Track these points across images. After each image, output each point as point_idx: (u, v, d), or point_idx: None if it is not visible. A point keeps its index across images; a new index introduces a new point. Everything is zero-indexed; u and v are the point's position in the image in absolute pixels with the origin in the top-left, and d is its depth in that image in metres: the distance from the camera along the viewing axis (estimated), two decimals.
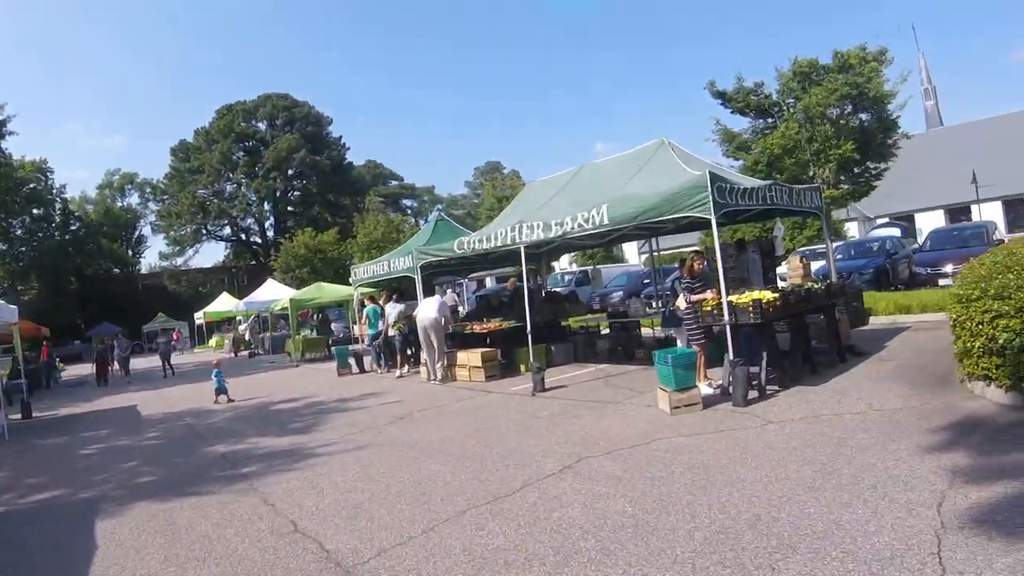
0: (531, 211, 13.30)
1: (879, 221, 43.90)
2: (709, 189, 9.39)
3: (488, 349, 14.44)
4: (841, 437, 6.94)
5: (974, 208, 42.06)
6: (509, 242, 12.59)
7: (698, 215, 9.64)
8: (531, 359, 12.31)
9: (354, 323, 21.28)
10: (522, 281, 13.89)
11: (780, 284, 14.96)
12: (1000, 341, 7.28)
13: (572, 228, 11.30)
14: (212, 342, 48.01)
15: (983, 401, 7.71)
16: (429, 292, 15.44)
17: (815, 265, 19.57)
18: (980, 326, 7.65)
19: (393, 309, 16.82)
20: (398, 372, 16.86)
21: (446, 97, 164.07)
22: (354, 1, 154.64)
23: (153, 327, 59.53)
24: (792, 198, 11.79)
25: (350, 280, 19.37)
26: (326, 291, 26.75)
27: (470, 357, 14.32)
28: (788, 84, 18.89)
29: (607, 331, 17.13)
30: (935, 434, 6.66)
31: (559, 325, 16.91)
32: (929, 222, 42.53)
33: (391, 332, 16.86)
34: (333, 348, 21.92)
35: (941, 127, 65.03)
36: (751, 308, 9.23)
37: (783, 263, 20.78)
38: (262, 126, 76.47)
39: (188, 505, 7.44)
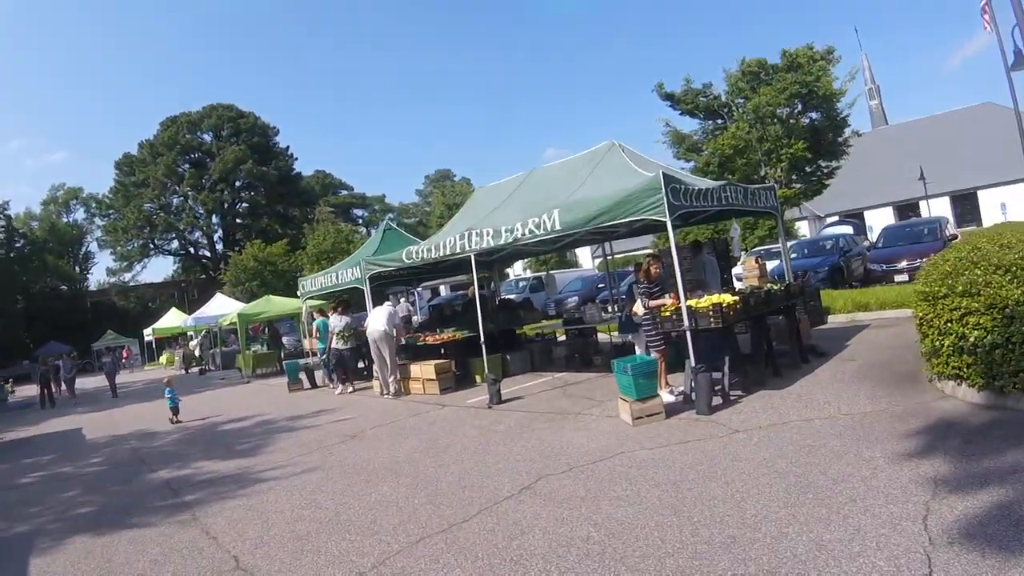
0: (481, 218, 12.92)
1: (829, 220, 44.38)
2: (663, 191, 9.08)
3: (442, 361, 13.96)
4: (812, 445, 6.64)
5: (922, 204, 42.79)
6: (459, 250, 12.18)
7: (652, 217, 9.32)
8: (486, 370, 11.89)
9: (305, 337, 20.59)
10: (478, 289, 13.41)
11: (736, 285, 14.73)
12: (971, 339, 7.08)
13: (523, 235, 10.94)
14: (162, 359, 46.67)
15: (955, 401, 7.48)
16: (381, 303, 14.86)
17: (770, 265, 19.47)
18: (949, 324, 7.44)
19: (339, 322, 16.07)
20: (342, 388, 16.18)
21: (395, 105, 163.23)
22: (300, 10, 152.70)
23: (102, 345, 58.03)
24: (747, 198, 11.55)
25: (298, 293, 18.76)
26: (275, 304, 26.01)
27: (423, 369, 13.84)
28: (737, 84, 18.76)
29: (563, 338, 16.79)
30: (910, 439, 6.38)
31: (514, 333, 16.52)
32: (878, 219, 43.16)
33: (336, 345, 16.10)
34: (284, 363, 21.21)
35: (886, 125, 66.33)
36: (711, 312, 8.92)
37: (738, 264, 20.67)
38: (207, 138, 74.77)
39: (127, 539, 6.93)
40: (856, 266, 23.44)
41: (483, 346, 12.26)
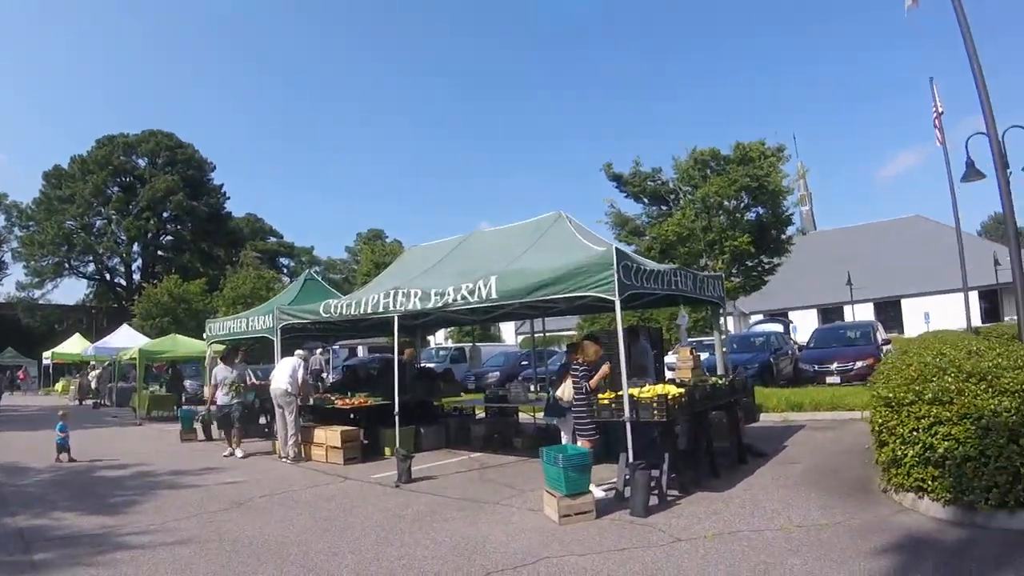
0: (410, 278, 11.94)
1: (754, 317, 44.80)
2: (615, 267, 8.32)
3: (350, 428, 12.74)
4: (768, 562, 5.84)
5: (847, 309, 43.52)
6: (381, 309, 11.13)
7: (599, 295, 8.52)
8: (397, 443, 10.80)
9: (207, 383, 18.99)
10: (397, 354, 12.27)
11: (668, 375, 14.01)
12: (939, 451, 6.50)
13: (455, 300, 9.99)
14: (58, 386, 43.83)
15: (916, 515, 6.89)
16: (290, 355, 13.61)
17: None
18: (915, 433, 6.86)
19: (226, 373, 14.11)
20: (229, 450, 14.03)
21: (334, 160, 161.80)
22: (253, 49, 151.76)
23: (2, 362, 54.90)
24: (695, 285, 10.93)
25: (204, 335, 17.37)
26: (181, 344, 24.30)
27: (328, 435, 12.58)
28: (687, 172, 18.44)
29: (482, 415, 15.81)
30: (878, 559, 5.68)
31: (431, 405, 15.41)
32: (802, 321, 43.65)
33: (221, 400, 14.11)
34: (180, 410, 19.55)
35: (815, 231, 68.12)
36: (655, 404, 8.09)
37: (671, 353, 20.12)
38: (142, 163, 71.96)
39: None
40: (784, 365, 23.33)
41: (396, 416, 11.12)
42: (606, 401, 8.59)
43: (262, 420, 16.76)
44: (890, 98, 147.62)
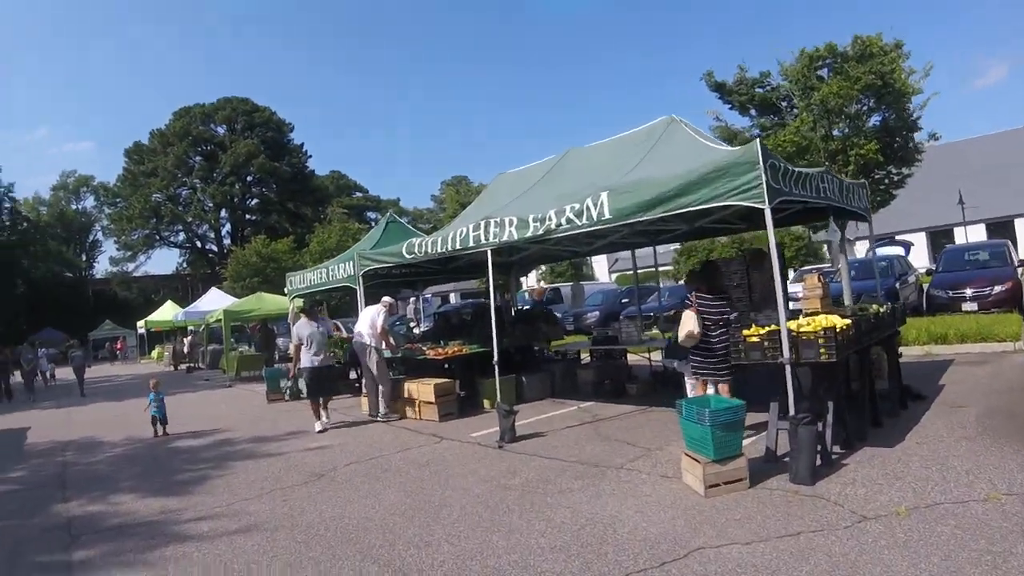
0: (502, 206, 10.43)
1: (860, 244, 41.66)
2: (762, 166, 6.55)
3: (444, 380, 11.41)
4: (995, 551, 4.29)
5: (957, 231, 40.19)
6: (471, 244, 9.65)
7: (743, 202, 6.74)
8: (498, 396, 9.39)
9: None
10: (493, 296, 10.76)
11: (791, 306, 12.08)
12: None
13: (558, 225, 8.38)
14: (154, 353, 44.45)
15: None
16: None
17: None
18: None
19: (310, 329, 11.54)
20: (319, 425, 11.40)
21: (417, 107, 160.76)
22: (325, 7, 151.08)
23: (100, 334, 56.89)
24: (842, 194, 9.02)
25: (285, 290, 16.33)
26: (267, 302, 23.52)
27: (421, 390, 11.31)
28: (801, 73, 16.18)
29: (586, 358, 14.32)
30: None
31: (532, 351, 14.00)
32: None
33: (306, 361, 11.60)
34: (266, 369, 18.73)
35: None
36: (823, 340, 6.37)
37: (795, 281, 18.20)
38: (220, 130, 72.96)
39: None
40: (909, 292, 21.04)
41: (496, 366, 9.70)
42: (756, 339, 6.89)
43: (352, 375, 15.74)
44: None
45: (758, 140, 6.85)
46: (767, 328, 6.93)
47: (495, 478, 7.32)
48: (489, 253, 9.34)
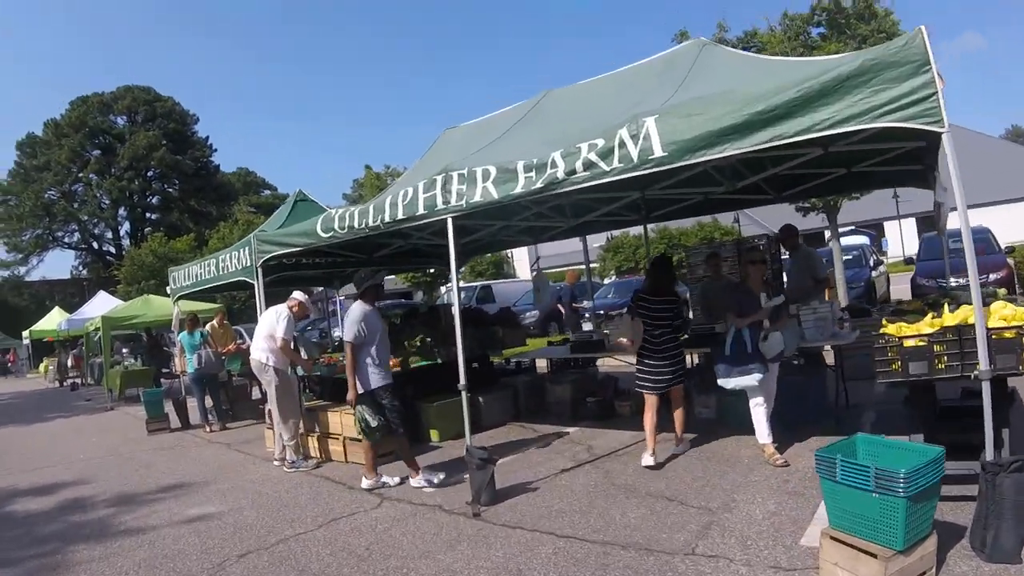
0: (463, 158, 7.04)
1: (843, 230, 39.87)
2: (933, 69, 3.94)
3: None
4: None
5: (890, 225, 39.21)
6: (422, 210, 6.43)
7: (905, 123, 3.98)
8: (467, 434, 6.35)
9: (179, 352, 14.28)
10: (458, 288, 7.69)
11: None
12: None
13: (571, 172, 5.34)
14: (41, 367, 39.66)
15: None
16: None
17: None
18: None
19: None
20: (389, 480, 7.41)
21: (328, 108, 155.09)
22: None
23: None
24: None
25: (168, 290, 12.89)
26: (155, 306, 19.67)
27: (345, 420, 8.16)
28: (799, 26, 13.50)
29: (545, 369, 11.62)
30: None
31: (489, 363, 11.01)
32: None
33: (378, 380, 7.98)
34: (143, 392, 14.88)
35: None
36: None
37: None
38: (120, 121, 67.14)
39: None
40: (881, 284, 19.90)
41: (464, 387, 6.38)
42: (920, 341, 4.14)
43: (256, 394, 12.51)
44: None
45: (923, 29, 4.05)
46: (936, 322, 4.25)
47: None
48: (450, 223, 6.25)
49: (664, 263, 7.17)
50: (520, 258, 56.44)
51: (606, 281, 34.25)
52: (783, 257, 10.70)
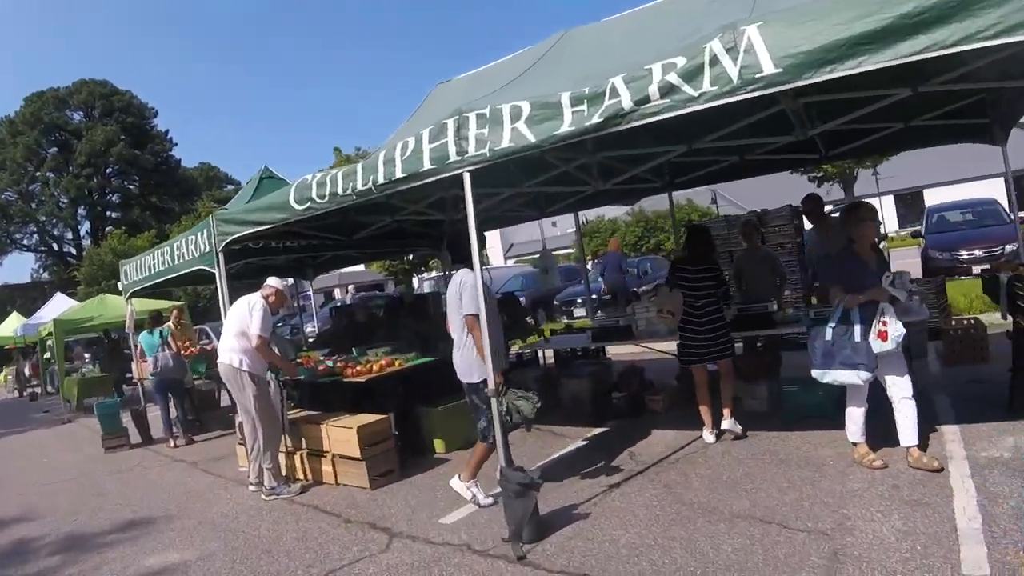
0: (477, 99, 5.44)
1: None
2: None
3: (371, 418, 6.81)
4: None
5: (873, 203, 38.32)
6: (428, 165, 4.94)
7: None
8: (500, 450, 4.94)
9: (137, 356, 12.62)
10: (479, 266, 6.27)
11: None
12: None
13: (646, 100, 3.95)
14: (1, 376, 37.61)
15: None
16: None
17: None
18: None
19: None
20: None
21: (291, 96, 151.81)
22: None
23: None
24: None
25: (119, 285, 11.33)
26: (112, 307, 17.95)
27: (336, 436, 6.75)
28: None
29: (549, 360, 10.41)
30: None
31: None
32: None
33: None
34: (96, 402, 13.20)
35: None
36: None
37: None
38: (76, 116, 64.68)
39: None
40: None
41: (496, 390, 4.92)
42: None
43: (225, 400, 11.23)
44: None
45: None
46: None
47: None
48: (467, 179, 4.85)
49: (702, 231, 6.91)
50: (492, 244, 55.11)
51: (589, 265, 33.07)
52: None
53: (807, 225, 9.40)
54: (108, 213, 66.33)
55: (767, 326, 7.05)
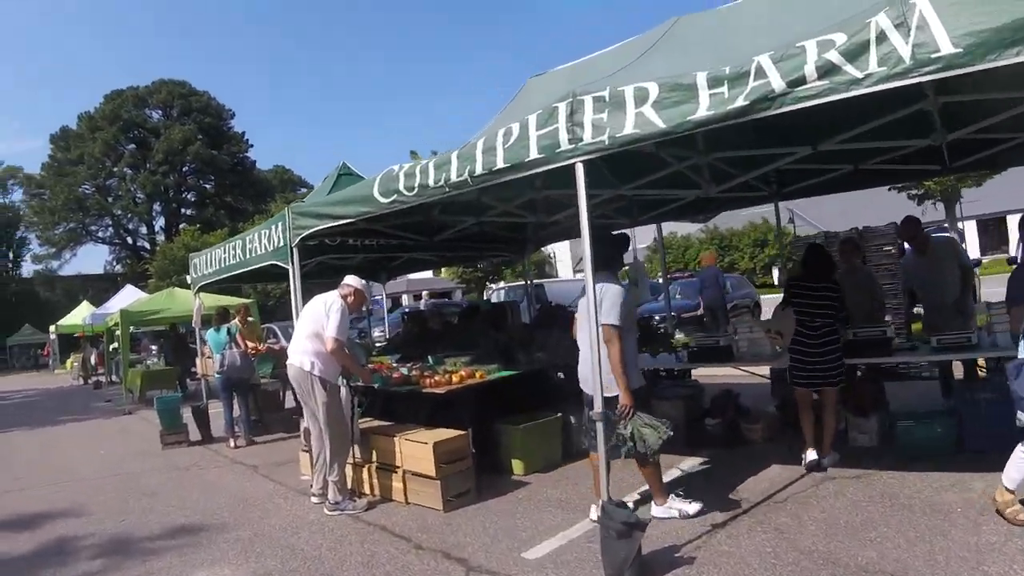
0: (593, 81, 4.96)
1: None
2: None
3: (449, 433, 6.25)
4: None
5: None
6: (536, 153, 4.38)
7: None
8: (603, 476, 4.39)
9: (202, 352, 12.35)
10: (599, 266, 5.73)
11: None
12: None
13: (801, 80, 3.38)
14: (68, 363, 38.36)
15: None
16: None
17: None
18: None
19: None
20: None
21: (368, 106, 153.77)
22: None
23: (20, 339, 51.57)
24: None
25: (188, 279, 11.07)
26: (180, 300, 17.83)
27: (409, 451, 6.22)
28: None
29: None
30: None
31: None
32: None
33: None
34: (158, 398, 12.84)
35: None
36: None
37: None
38: (155, 115, 66.42)
39: None
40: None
41: (601, 404, 4.46)
42: None
43: (290, 402, 10.80)
44: None
45: None
46: None
47: None
48: (580, 170, 4.26)
49: (820, 249, 6.55)
50: (562, 257, 54.47)
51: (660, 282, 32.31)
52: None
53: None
54: (183, 210, 68.04)
55: (884, 353, 6.40)
